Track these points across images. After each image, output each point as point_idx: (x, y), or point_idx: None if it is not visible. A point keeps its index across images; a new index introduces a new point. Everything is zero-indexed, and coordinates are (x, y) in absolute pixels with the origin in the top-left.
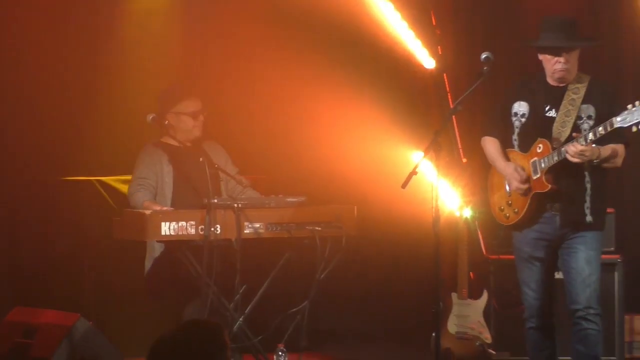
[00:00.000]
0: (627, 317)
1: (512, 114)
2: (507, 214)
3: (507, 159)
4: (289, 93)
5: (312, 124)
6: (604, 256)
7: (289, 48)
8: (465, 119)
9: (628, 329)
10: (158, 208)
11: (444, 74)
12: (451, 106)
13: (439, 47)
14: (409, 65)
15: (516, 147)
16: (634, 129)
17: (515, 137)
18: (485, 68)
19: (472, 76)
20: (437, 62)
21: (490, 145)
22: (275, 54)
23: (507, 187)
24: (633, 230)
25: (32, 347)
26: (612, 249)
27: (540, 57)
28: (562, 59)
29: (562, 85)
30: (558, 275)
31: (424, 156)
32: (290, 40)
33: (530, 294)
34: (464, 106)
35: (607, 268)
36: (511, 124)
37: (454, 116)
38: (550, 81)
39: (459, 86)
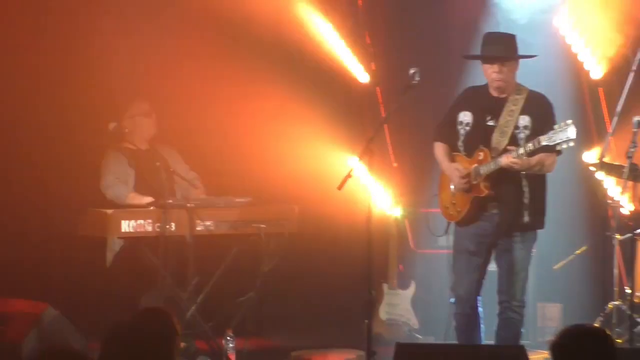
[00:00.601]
0: (539, 305)
1: (458, 122)
2: (452, 212)
3: (455, 161)
4: (240, 105)
5: (260, 132)
6: None
7: (238, 63)
8: (395, 127)
9: (540, 316)
10: (145, 200)
11: (377, 87)
12: (383, 116)
13: (372, 63)
14: (346, 79)
15: (462, 152)
16: (558, 147)
17: (460, 143)
18: (413, 82)
19: (402, 89)
20: (371, 76)
21: (439, 149)
22: (226, 68)
23: (452, 187)
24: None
25: (4, 333)
26: None
27: (483, 68)
28: (496, 69)
29: (502, 96)
30: (492, 268)
31: (359, 161)
32: (240, 56)
33: (461, 282)
34: (394, 115)
35: None
36: (457, 132)
37: (385, 125)
38: (492, 92)
39: (390, 98)
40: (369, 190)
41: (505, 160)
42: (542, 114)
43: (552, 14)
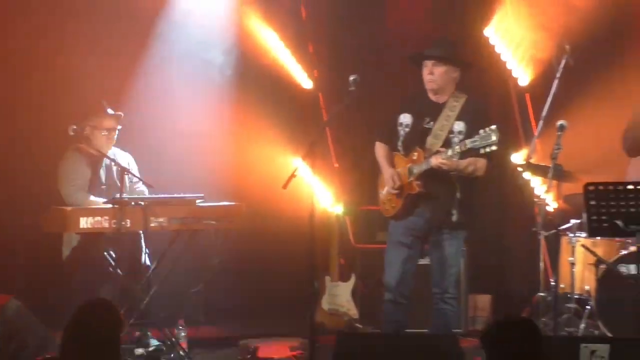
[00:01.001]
0: (471, 297)
1: (398, 124)
2: (387, 208)
3: (393, 160)
4: (193, 109)
5: (211, 134)
6: None
7: (190, 71)
8: (337, 130)
9: (472, 306)
10: (101, 202)
11: (319, 93)
12: (325, 119)
13: (315, 70)
14: (291, 85)
15: (401, 152)
16: (482, 151)
17: (400, 143)
18: (352, 88)
19: (342, 94)
20: (314, 83)
21: (380, 149)
22: (180, 74)
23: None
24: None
25: None
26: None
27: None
28: (428, 70)
29: (441, 101)
30: (424, 260)
31: (302, 161)
32: (191, 65)
33: (391, 272)
34: (335, 119)
35: None
36: (397, 132)
37: (327, 128)
38: (431, 96)
39: (332, 103)
40: (312, 189)
41: (434, 160)
42: (476, 120)
43: (483, 25)
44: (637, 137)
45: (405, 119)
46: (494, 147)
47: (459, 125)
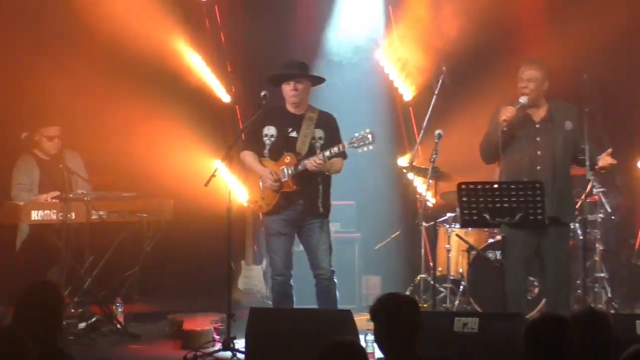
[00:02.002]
0: (363, 277)
1: (264, 135)
2: (261, 205)
3: (262, 164)
4: (129, 120)
5: (145, 141)
6: (348, 234)
7: (128, 86)
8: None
9: (364, 286)
10: (43, 197)
11: (236, 106)
12: (241, 127)
13: (232, 87)
14: (212, 98)
15: (268, 157)
16: (360, 150)
17: (266, 151)
18: (263, 102)
19: (255, 107)
20: (231, 97)
21: (249, 156)
22: (119, 90)
23: (261, 186)
24: (366, 216)
25: None
26: (354, 229)
27: (282, 89)
28: (292, 87)
29: (299, 113)
30: (298, 248)
31: (221, 163)
32: (130, 81)
33: (276, 258)
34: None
35: (350, 243)
36: (263, 142)
37: (242, 135)
38: (289, 109)
39: (247, 114)
40: (229, 186)
41: (311, 162)
42: (331, 128)
43: (374, 49)
44: (485, 148)
45: (270, 130)
46: (370, 147)
47: (319, 132)
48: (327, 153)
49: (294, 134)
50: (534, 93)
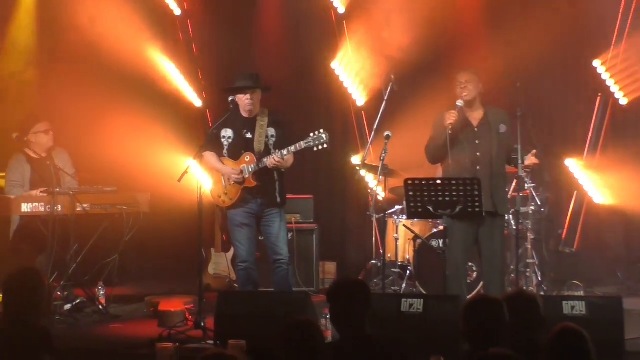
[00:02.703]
0: (321, 263)
1: (222, 137)
2: (224, 200)
3: (223, 163)
4: (113, 121)
5: (125, 141)
6: (306, 225)
7: (111, 92)
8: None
9: (322, 271)
10: (34, 193)
11: (207, 110)
12: (211, 128)
13: (203, 92)
14: (185, 103)
15: (227, 157)
16: (315, 149)
17: (225, 151)
18: (231, 107)
19: (224, 110)
20: (203, 102)
21: (210, 156)
22: (102, 96)
23: (224, 182)
24: (323, 208)
25: None
26: (312, 220)
27: (237, 98)
28: (248, 97)
29: (252, 117)
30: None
31: (193, 161)
32: (113, 87)
33: (241, 247)
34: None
35: (308, 232)
36: (221, 144)
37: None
38: (244, 114)
39: (216, 117)
40: (200, 182)
41: (271, 161)
42: (282, 126)
43: (330, 59)
44: (432, 151)
45: (227, 132)
46: (325, 146)
47: (272, 131)
48: (284, 152)
49: (249, 135)
50: (472, 93)
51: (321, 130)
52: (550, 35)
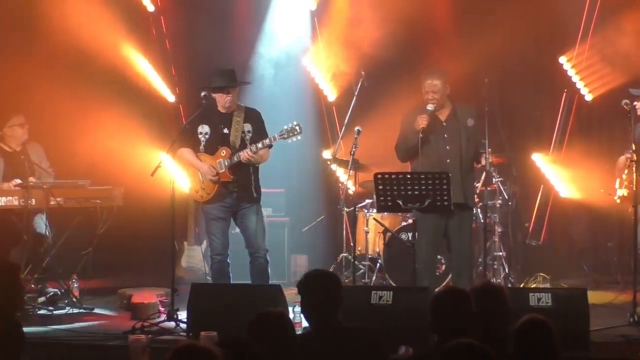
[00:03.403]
0: (292, 256)
1: (199, 132)
2: (202, 195)
3: (200, 159)
4: (88, 117)
5: (99, 135)
6: (278, 218)
7: (87, 88)
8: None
9: (293, 264)
10: (12, 184)
11: (180, 105)
12: (184, 123)
13: (176, 88)
14: (158, 98)
15: (204, 152)
16: (289, 141)
17: (202, 147)
18: (204, 102)
19: (197, 105)
20: (176, 97)
21: (187, 152)
22: (78, 91)
23: (201, 177)
24: (294, 202)
25: None
26: (283, 214)
27: (215, 95)
28: (230, 95)
29: (229, 112)
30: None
31: (166, 155)
32: (89, 83)
33: (215, 240)
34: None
35: (280, 226)
36: (198, 139)
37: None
38: (221, 109)
39: (189, 112)
40: (173, 176)
41: (245, 154)
42: (257, 122)
43: (302, 55)
44: (403, 152)
45: (204, 128)
46: (299, 137)
47: (248, 127)
48: (259, 145)
49: (225, 130)
50: (440, 100)
51: (295, 122)
52: (517, 32)
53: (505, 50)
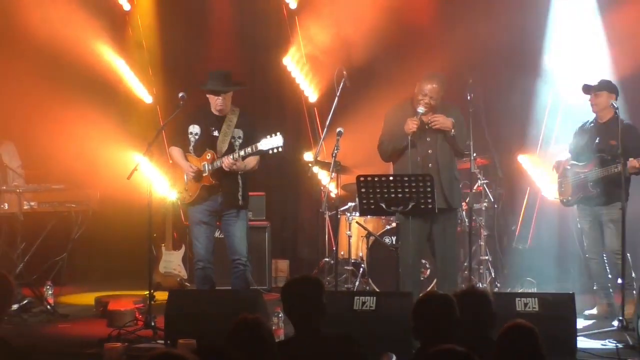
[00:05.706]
0: (273, 261)
1: (189, 132)
2: (185, 196)
3: (187, 159)
4: (62, 119)
5: (74, 138)
6: (258, 222)
7: (62, 90)
8: (169, 134)
9: (274, 269)
10: None
11: (157, 106)
12: (161, 124)
13: (154, 89)
14: (136, 99)
15: (193, 153)
16: (270, 152)
17: (191, 147)
18: (181, 102)
19: (173, 107)
20: (153, 98)
21: (176, 152)
22: (51, 92)
23: (186, 178)
24: (276, 205)
25: None
26: (263, 218)
27: (208, 96)
28: (220, 98)
29: (222, 115)
30: (219, 235)
31: (143, 158)
32: (66, 85)
33: (199, 245)
34: (169, 125)
35: (260, 230)
36: (188, 139)
37: (163, 132)
38: (214, 112)
39: (166, 113)
40: (150, 180)
41: (226, 161)
42: (250, 128)
43: (282, 55)
44: (389, 153)
45: (195, 129)
46: (280, 149)
47: (239, 132)
48: (241, 152)
49: (215, 133)
50: (435, 105)
51: (277, 134)
52: (502, 32)
53: (489, 51)
